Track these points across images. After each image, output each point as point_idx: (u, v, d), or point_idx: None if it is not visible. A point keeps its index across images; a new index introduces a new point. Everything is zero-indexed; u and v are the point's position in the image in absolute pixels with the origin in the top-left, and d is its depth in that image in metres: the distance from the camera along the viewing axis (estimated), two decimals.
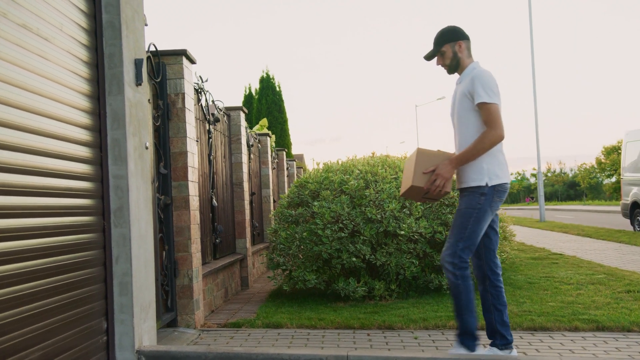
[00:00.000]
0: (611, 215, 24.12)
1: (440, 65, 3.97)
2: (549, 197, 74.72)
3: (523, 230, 16.92)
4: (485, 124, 3.71)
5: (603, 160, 57.44)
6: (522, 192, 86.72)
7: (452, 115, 3.97)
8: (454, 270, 3.69)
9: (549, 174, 78.28)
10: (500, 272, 3.86)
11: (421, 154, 3.85)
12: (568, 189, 78.32)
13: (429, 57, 4.01)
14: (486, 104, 3.68)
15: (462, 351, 3.70)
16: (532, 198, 76.34)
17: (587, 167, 70.16)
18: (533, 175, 75.65)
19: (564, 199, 76.50)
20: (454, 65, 3.93)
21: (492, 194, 3.72)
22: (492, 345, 3.81)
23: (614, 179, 54.62)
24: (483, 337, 3.89)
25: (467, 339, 3.72)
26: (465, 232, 3.70)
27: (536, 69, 27.00)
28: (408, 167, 3.94)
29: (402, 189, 3.97)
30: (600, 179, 66.40)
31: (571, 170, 79.78)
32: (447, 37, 3.91)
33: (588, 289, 6.23)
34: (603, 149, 58.08)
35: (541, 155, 22.97)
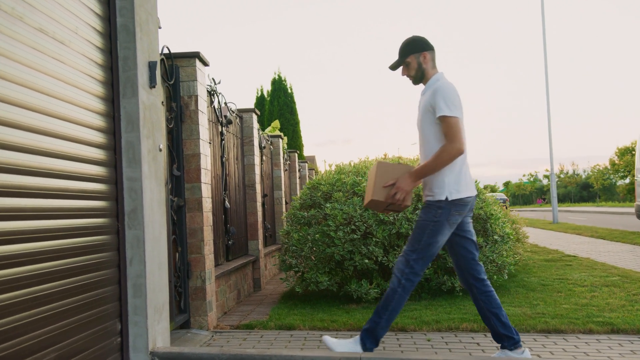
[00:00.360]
0: (625, 217, 23.92)
1: (405, 76, 3.93)
2: (562, 199, 74.30)
3: (536, 232, 16.83)
4: (445, 137, 3.67)
5: (617, 162, 57.07)
6: (535, 194, 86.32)
7: (417, 127, 3.94)
8: (400, 277, 3.71)
9: (562, 176, 77.86)
10: (486, 277, 3.84)
11: (381, 167, 3.81)
12: (581, 190, 77.85)
13: (393, 68, 3.96)
14: (447, 117, 3.64)
15: (358, 348, 3.66)
16: (544, 199, 75.93)
17: (601, 169, 69.77)
18: (546, 176, 75.29)
19: (577, 200, 76.04)
20: (419, 77, 3.89)
21: (450, 209, 3.69)
22: (502, 348, 3.80)
23: (627, 180, 54.21)
24: (491, 340, 3.88)
25: (370, 340, 3.70)
26: (419, 244, 3.71)
27: (549, 69, 26.87)
28: (369, 180, 3.91)
29: (365, 201, 3.95)
30: (613, 180, 65.98)
31: (584, 171, 79.40)
32: (412, 48, 3.86)
33: (602, 291, 6.19)
34: (617, 150, 57.70)
35: (554, 157, 22.87)
